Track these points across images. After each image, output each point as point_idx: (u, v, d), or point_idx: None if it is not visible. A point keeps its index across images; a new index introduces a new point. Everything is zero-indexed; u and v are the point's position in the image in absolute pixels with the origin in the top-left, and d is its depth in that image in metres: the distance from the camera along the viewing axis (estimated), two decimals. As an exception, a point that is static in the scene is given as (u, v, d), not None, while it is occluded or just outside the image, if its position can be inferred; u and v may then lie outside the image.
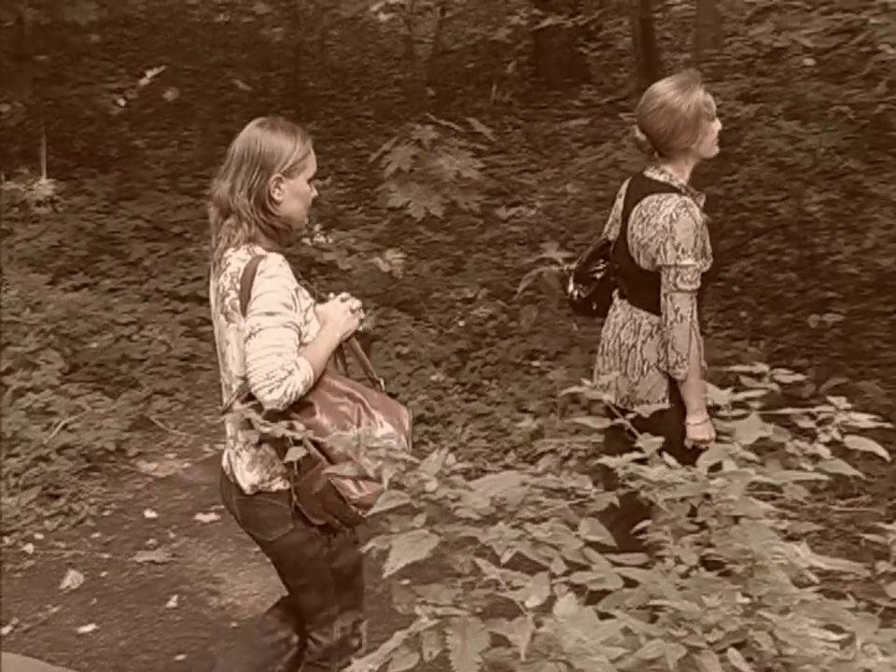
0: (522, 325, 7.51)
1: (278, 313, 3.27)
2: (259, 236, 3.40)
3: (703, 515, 2.30)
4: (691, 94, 4.08)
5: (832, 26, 6.68)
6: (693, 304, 4.01)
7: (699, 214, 4.03)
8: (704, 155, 4.15)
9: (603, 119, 11.94)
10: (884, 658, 2.10)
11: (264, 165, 3.38)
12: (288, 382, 3.20)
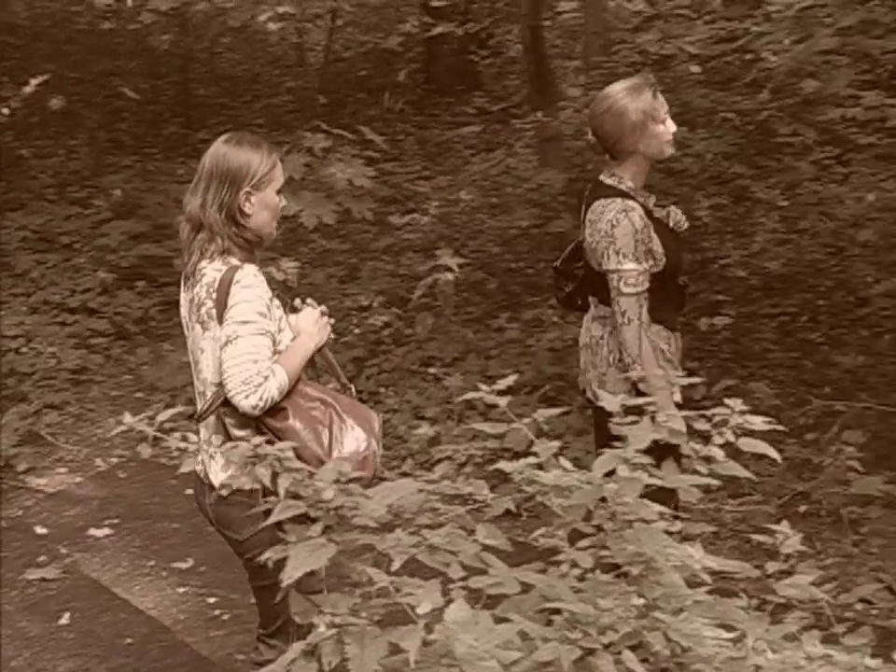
0: (418, 332, 7.51)
1: (253, 321, 3.39)
2: (233, 248, 3.50)
3: (598, 518, 2.32)
4: (638, 97, 4.13)
5: (716, 34, 6.81)
6: (640, 306, 4.06)
7: (640, 218, 4.08)
8: (655, 157, 4.18)
9: (495, 125, 12.01)
10: (774, 655, 2.13)
11: (233, 180, 3.48)
12: (264, 388, 3.33)
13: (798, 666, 2.09)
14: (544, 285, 8.91)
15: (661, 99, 4.17)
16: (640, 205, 4.13)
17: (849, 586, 4.83)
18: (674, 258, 4.16)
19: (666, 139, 4.14)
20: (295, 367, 3.48)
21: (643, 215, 4.10)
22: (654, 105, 4.11)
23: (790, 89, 7.46)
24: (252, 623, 5.05)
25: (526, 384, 6.84)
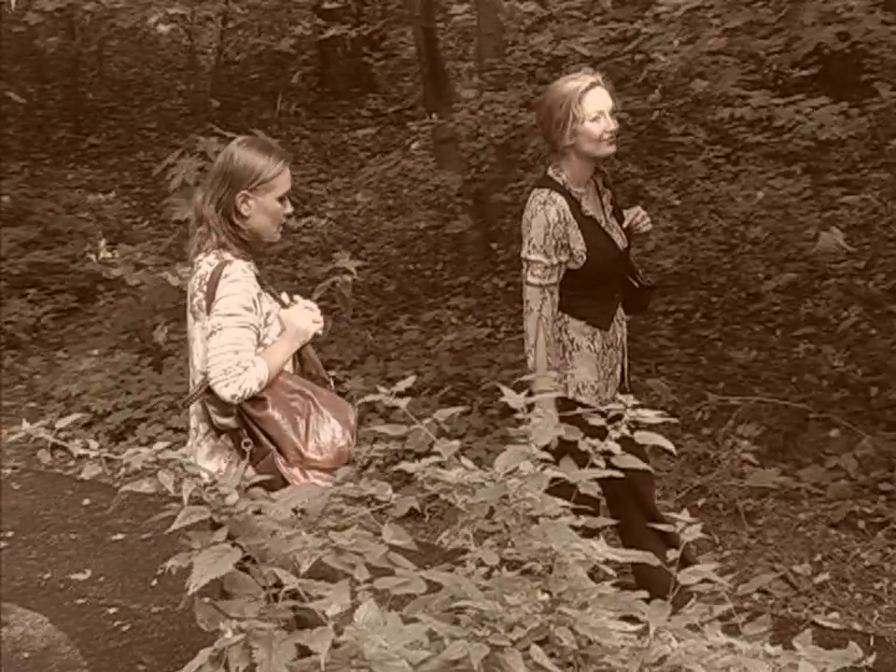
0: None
1: (238, 314, 3.49)
2: (228, 244, 3.60)
3: (502, 516, 2.33)
4: (562, 94, 4.13)
5: (607, 35, 6.88)
6: (543, 299, 4.09)
7: (556, 212, 4.08)
8: (590, 154, 4.14)
9: (390, 128, 12.01)
10: (677, 644, 2.16)
11: (233, 181, 3.58)
12: (243, 378, 3.43)
13: (701, 655, 2.13)
14: (443, 286, 8.94)
15: (596, 96, 4.11)
16: (570, 201, 4.13)
17: (747, 577, 4.91)
18: (599, 256, 4.15)
19: (595, 137, 4.10)
20: (277, 360, 3.55)
21: (564, 210, 4.09)
22: (581, 101, 4.08)
23: (680, 89, 7.58)
24: (153, 632, 5.00)
25: (427, 385, 6.85)
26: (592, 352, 4.20)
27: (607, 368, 4.24)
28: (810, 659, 2.10)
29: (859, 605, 4.81)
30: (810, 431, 6.14)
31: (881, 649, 4.11)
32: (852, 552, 5.16)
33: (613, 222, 4.28)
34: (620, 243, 4.26)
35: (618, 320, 4.29)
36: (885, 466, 5.68)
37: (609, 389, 4.23)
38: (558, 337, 4.16)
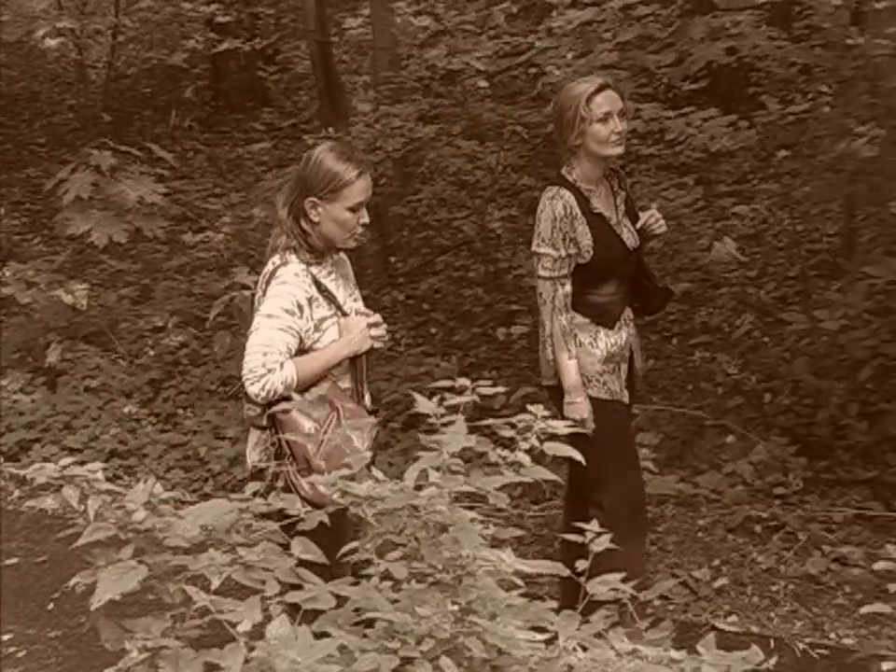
0: (215, 351, 7.40)
1: (277, 316, 3.53)
2: (298, 247, 3.63)
3: (411, 527, 2.33)
4: (572, 95, 4.21)
5: (501, 49, 6.94)
6: (554, 290, 4.19)
7: (563, 206, 4.16)
8: (598, 154, 4.22)
9: (286, 142, 11.95)
10: (584, 653, 2.19)
11: (305, 186, 3.63)
12: (267, 379, 3.46)
13: (608, 663, 2.15)
14: (341, 300, 8.92)
15: (605, 98, 4.18)
16: (579, 197, 4.20)
17: (648, 583, 4.97)
18: (606, 253, 4.23)
19: (603, 138, 4.17)
20: (315, 366, 3.57)
21: (571, 205, 4.18)
22: (590, 103, 4.15)
23: (574, 102, 7.65)
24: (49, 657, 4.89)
25: (328, 399, 6.82)
26: (594, 349, 4.28)
27: (611, 364, 4.31)
28: (713, 663, 2.13)
29: (756, 608, 4.90)
30: (707, 438, 6.24)
31: (780, 650, 4.19)
32: (749, 556, 5.26)
33: (626, 222, 4.36)
34: (630, 242, 4.34)
35: (625, 321, 4.36)
36: (779, 470, 5.80)
37: (615, 384, 4.31)
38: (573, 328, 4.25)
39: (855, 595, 4.82)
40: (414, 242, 9.29)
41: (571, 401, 4.22)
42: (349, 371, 3.67)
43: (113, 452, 6.68)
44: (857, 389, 5.96)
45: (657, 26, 6.24)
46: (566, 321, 4.21)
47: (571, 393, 4.22)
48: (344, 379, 3.67)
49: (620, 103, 4.24)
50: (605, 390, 4.27)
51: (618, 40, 6.02)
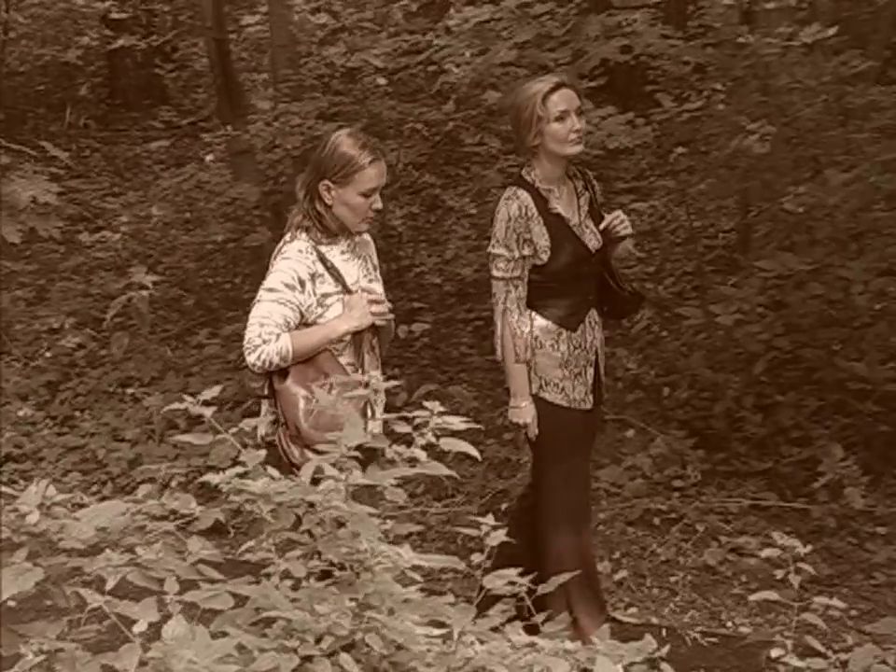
0: (113, 352, 7.31)
1: (277, 290, 3.67)
2: (312, 227, 3.75)
3: (308, 524, 2.32)
4: (527, 96, 4.16)
5: (400, 47, 6.94)
6: (507, 292, 4.15)
7: (518, 207, 4.12)
8: (557, 153, 4.16)
9: (184, 140, 11.83)
10: (481, 646, 2.20)
11: (320, 169, 3.75)
12: (262, 349, 3.62)
13: (504, 655, 2.17)
14: (243, 299, 8.84)
15: (561, 96, 4.13)
16: (537, 197, 4.15)
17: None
18: (563, 254, 4.17)
19: (561, 137, 4.12)
20: (311, 340, 3.69)
21: (526, 206, 4.13)
22: (546, 101, 4.11)
23: (473, 100, 7.71)
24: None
25: (229, 399, 6.78)
26: (555, 351, 4.21)
27: (573, 369, 4.24)
28: (607, 653, 2.16)
29: (655, 599, 4.98)
30: (607, 432, 6.31)
31: (675, 640, 4.26)
32: (648, 548, 5.33)
33: (588, 223, 4.28)
34: (593, 244, 4.25)
35: (590, 323, 4.28)
36: (677, 463, 5.89)
37: (576, 389, 4.24)
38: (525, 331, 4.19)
39: (751, 584, 4.92)
40: (315, 241, 9.25)
41: (515, 405, 4.20)
42: (351, 346, 3.77)
43: (8, 456, 6.57)
44: (752, 382, 6.07)
45: (555, 24, 6.29)
46: (516, 323, 4.16)
47: (516, 397, 4.19)
48: (347, 354, 3.77)
49: (577, 100, 4.18)
50: (562, 396, 4.21)
51: (515, 39, 6.05)
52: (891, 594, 4.85)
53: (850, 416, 5.85)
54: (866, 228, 6.24)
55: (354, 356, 3.77)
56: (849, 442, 5.70)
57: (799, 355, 6.00)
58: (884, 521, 5.32)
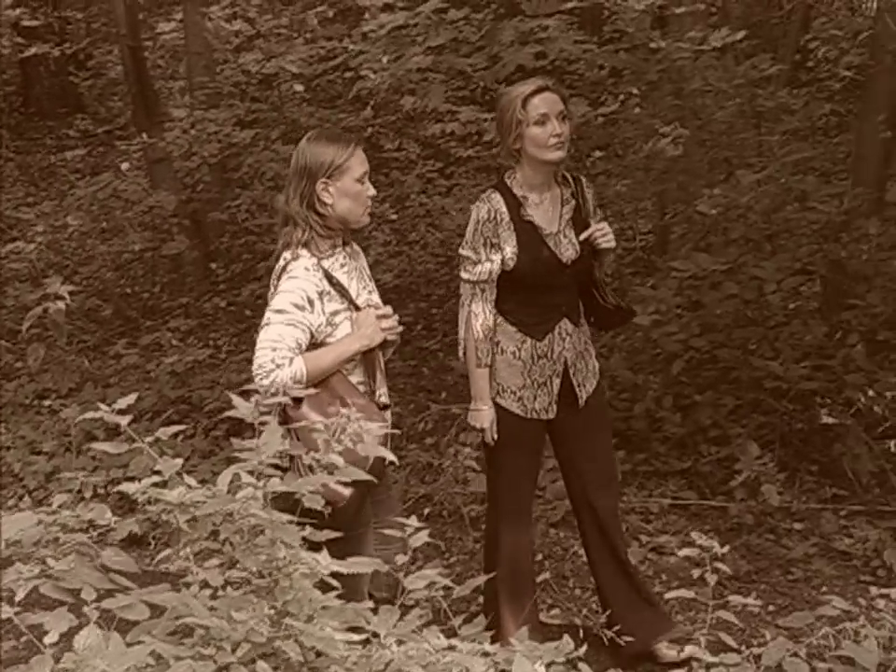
0: (29, 364, 7.20)
1: (287, 311, 3.54)
2: (314, 239, 3.66)
3: (225, 532, 2.31)
4: (509, 99, 4.11)
5: (317, 53, 6.92)
6: (472, 294, 4.13)
7: (487, 210, 4.08)
8: (537, 158, 4.09)
9: (100, 148, 11.71)
10: (399, 647, 2.21)
11: (309, 173, 3.67)
12: (275, 374, 3.48)
13: (423, 657, 2.18)
14: (162, 308, 8.78)
15: (542, 100, 4.07)
16: (511, 203, 4.11)
17: (473, 580, 5.03)
18: (531, 263, 4.11)
19: (541, 141, 4.06)
20: (324, 362, 3.58)
21: (497, 210, 4.10)
22: (526, 104, 4.06)
23: (391, 106, 7.72)
24: None
25: (148, 410, 6.72)
26: (517, 359, 4.17)
27: (536, 378, 4.19)
28: (526, 654, 2.18)
29: (578, 600, 5.01)
30: (529, 435, 6.34)
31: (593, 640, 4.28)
32: (571, 549, 5.36)
33: (568, 233, 4.19)
34: (568, 255, 4.16)
35: (560, 334, 4.20)
36: (598, 464, 5.92)
37: (537, 399, 4.19)
38: (489, 336, 4.16)
39: (671, 583, 4.96)
40: (235, 248, 9.20)
41: (475, 409, 4.17)
42: (361, 365, 3.68)
43: (-78, 471, 6.46)
44: (670, 383, 6.14)
45: (472, 30, 6.31)
46: (480, 327, 4.13)
47: (476, 400, 4.16)
48: (357, 373, 3.68)
49: (559, 105, 4.09)
50: (518, 405, 4.18)
51: (430, 44, 6.06)
52: (808, 589, 4.93)
53: (766, 414, 5.94)
54: (779, 228, 6.36)
55: (365, 374, 3.69)
56: (766, 440, 5.79)
57: (716, 354, 6.08)
58: (800, 517, 5.41)
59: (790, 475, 5.61)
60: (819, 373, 5.84)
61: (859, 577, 4.98)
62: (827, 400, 5.77)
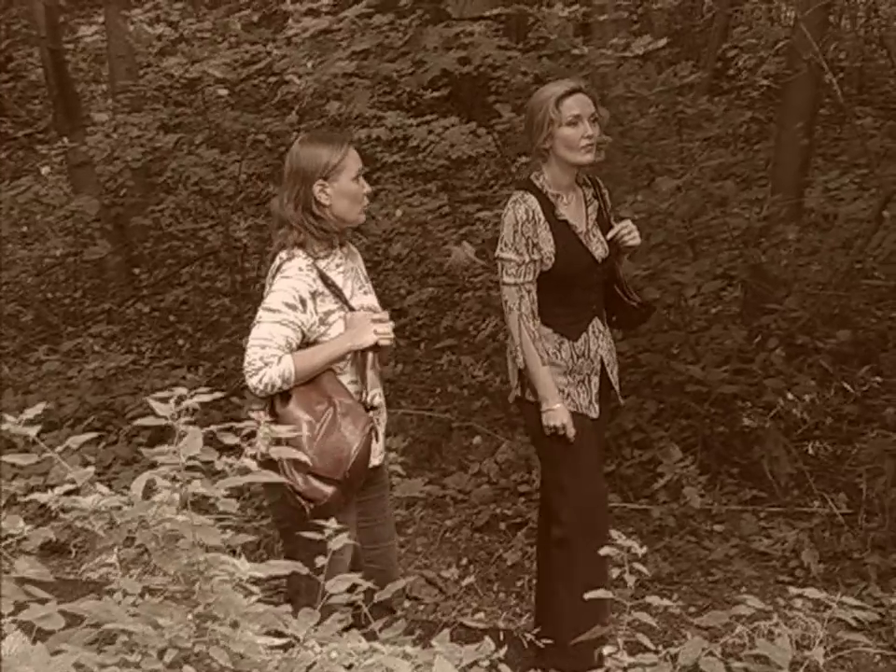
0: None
1: (277, 310, 3.57)
2: (310, 240, 3.68)
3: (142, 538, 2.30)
4: (542, 98, 4.09)
5: (240, 58, 6.89)
6: (520, 297, 4.07)
7: (525, 211, 4.06)
8: (567, 160, 4.08)
9: (20, 152, 11.56)
10: (321, 649, 2.21)
11: (304, 176, 3.68)
12: (264, 372, 3.52)
13: (346, 659, 2.18)
14: (84, 313, 8.68)
15: (575, 101, 4.07)
16: (544, 202, 4.10)
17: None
18: (568, 261, 4.10)
19: (572, 143, 4.06)
20: (313, 361, 3.60)
21: (534, 209, 4.08)
22: (559, 105, 4.05)
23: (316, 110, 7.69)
24: None
25: (69, 416, 6.64)
26: (559, 359, 4.14)
27: (577, 376, 4.17)
28: (446, 656, 2.19)
29: (502, 603, 5.03)
30: (454, 440, 6.37)
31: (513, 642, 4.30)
32: (495, 553, 5.39)
33: (596, 232, 4.21)
34: (599, 253, 4.18)
35: (594, 332, 4.20)
36: (523, 468, 5.96)
37: (580, 396, 4.17)
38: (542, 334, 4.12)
39: (594, 584, 5.00)
40: (159, 253, 9.13)
41: (549, 408, 4.09)
42: (353, 366, 3.69)
43: None
44: (594, 387, 6.18)
45: (398, 35, 6.33)
46: (534, 327, 4.09)
47: (549, 400, 4.08)
48: (348, 373, 3.69)
49: (591, 107, 4.10)
50: (569, 402, 4.13)
51: (353, 48, 6.06)
52: (728, 589, 5.00)
53: (688, 418, 6.01)
54: (700, 234, 6.43)
55: (356, 374, 3.70)
56: (688, 444, 5.86)
57: (639, 359, 6.13)
58: (721, 519, 5.48)
59: (711, 478, 5.68)
60: (739, 377, 5.91)
61: (777, 577, 5.06)
62: (747, 404, 5.84)
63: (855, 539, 5.16)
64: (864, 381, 5.97)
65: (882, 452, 5.61)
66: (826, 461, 5.77)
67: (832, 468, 5.74)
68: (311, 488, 3.51)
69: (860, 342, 6.30)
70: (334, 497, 3.51)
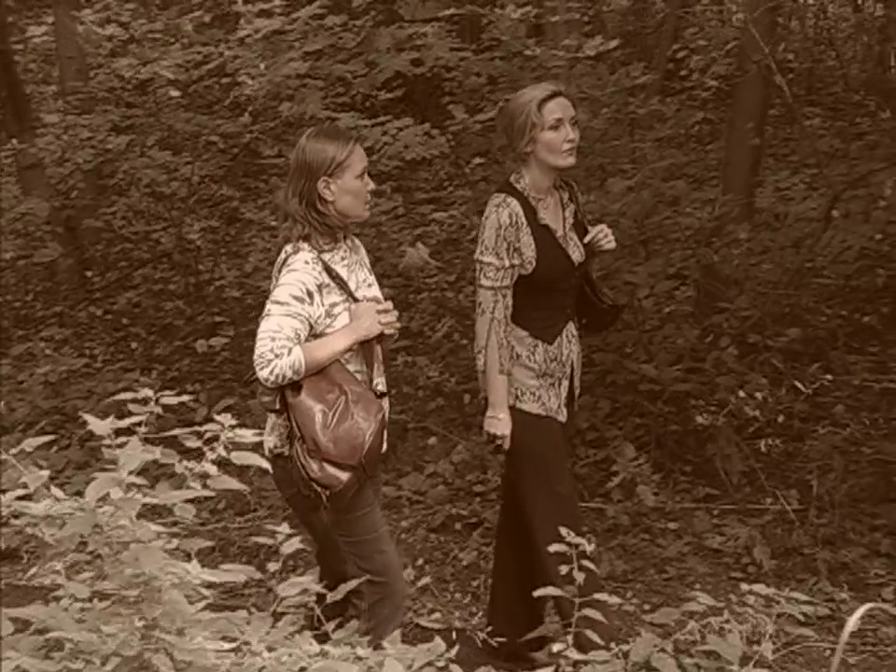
0: None
1: (286, 303, 3.63)
2: (313, 234, 3.73)
3: (94, 545, 2.28)
4: (523, 102, 4.08)
5: (193, 59, 6.86)
6: (495, 301, 4.06)
7: (509, 215, 4.04)
8: (548, 163, 4.08)
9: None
10: (270, 654, 2.21)
11: (309, 171, 3.72)
12: (275, 364, 3.57)
13: (295, 662, 2.18)
14: (35, 317, 8.62)
15: (557, 104, 4.07)
16: (526, 207, 4.09)
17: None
18: (548, 266, 4.11)
19: (554, 147, 4.06)
20: (322, 352, 3.66)
21: (517, 214, 4.06)
22: (541, 109, 4.05)
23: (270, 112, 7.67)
24: None
25: (21, 421, 6.59)
26: (531, 362, 4.14)
27: (548, 380, 4.18)
28: (397, 656, 2.19)
29: (458, 603, 5.04)
30: (410, 441, 6.37)
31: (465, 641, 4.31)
32: (451, 553, 5.40)
33: (573, 236, 4.22)
34: (576, 257, 4.20)
35: (567, 336, 4.22)
36: (478, 469, 5.98)
37: (551, 399, 4.17)
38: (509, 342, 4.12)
39: (546, 583, 5.02)
40: (111, 255, 9.08)
41: (493, 416, 4.11)
42: (359, 355, 3.75)
43: None
44: (548, 386, 6.20)
45: (351, 36, 6.32)
46: (503, 334, 4.09)
47: (495, 407, 4.10)
48: (354, 362, 3.75)
49: (571, 110, 4.13)
50: (539, 405, 4.15)
51: (305, 49, 6.05)
52: (682, 587, 5.03)
53: (642, 417, 6.04)
54: (652, 233, 6.47)
55: (362, 364, 3.76)
56: (641, 442, 5.89)
57: (592, 358, 6.16)
58: (674, 516, 5.52)
59: (664, 476, 5.72)
60: (692, 376, 5.96)
61: (730, 573, 5.10)
62: (700, 402, 5.89)
63: (806, 535, 5.21)
64: (815, 378, 6.02)
65: (832, 448, 5.69)
66: (777, 458, 5.83)
67: (783, 465, 5.80)
68: (326, 475, 3.60)
69: (810, 340, 6.37)
70: (349, 482, 3.61)
